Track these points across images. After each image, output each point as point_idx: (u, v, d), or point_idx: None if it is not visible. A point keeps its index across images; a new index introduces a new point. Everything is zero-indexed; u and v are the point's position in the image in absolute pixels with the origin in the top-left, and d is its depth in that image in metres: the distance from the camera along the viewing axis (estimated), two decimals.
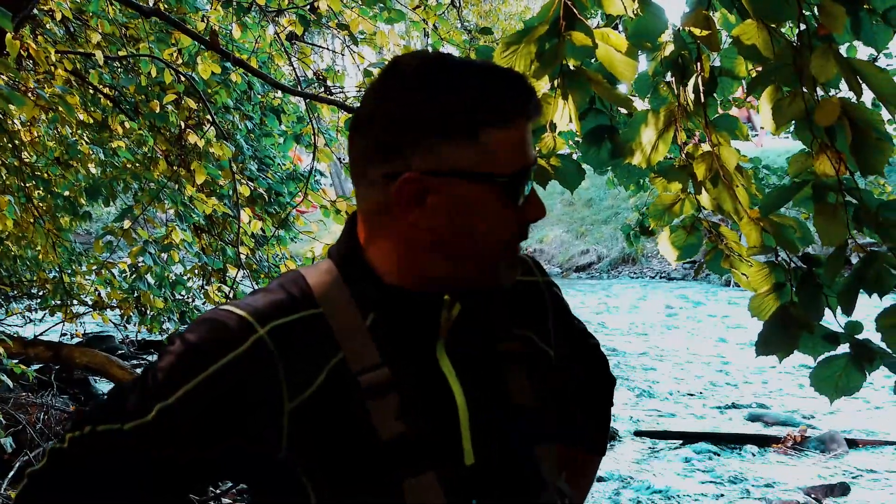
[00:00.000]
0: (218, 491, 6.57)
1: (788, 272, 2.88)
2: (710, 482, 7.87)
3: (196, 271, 8.39)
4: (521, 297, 1.71)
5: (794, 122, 2.60)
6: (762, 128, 2.67)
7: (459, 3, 12.08)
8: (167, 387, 1.42)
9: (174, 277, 7.91)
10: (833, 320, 2.83)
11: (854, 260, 2.69)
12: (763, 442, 8.87)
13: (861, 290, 2.60)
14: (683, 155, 3.09)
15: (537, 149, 2.92)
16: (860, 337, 2.80)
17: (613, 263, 25.76)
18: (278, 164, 11.18)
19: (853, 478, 7.85)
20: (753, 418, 9.85)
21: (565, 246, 27.01)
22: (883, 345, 2.64)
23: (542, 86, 2.75)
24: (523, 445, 1.59)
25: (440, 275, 1.50)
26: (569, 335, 1.86)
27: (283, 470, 1.45)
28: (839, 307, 2.64)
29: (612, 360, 13.22)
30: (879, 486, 7.67)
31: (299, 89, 7.71)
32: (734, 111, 5.43)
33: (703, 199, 3.03)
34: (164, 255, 7.42)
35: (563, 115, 2.77)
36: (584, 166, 3.34)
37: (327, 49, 10.62)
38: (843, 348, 2.86)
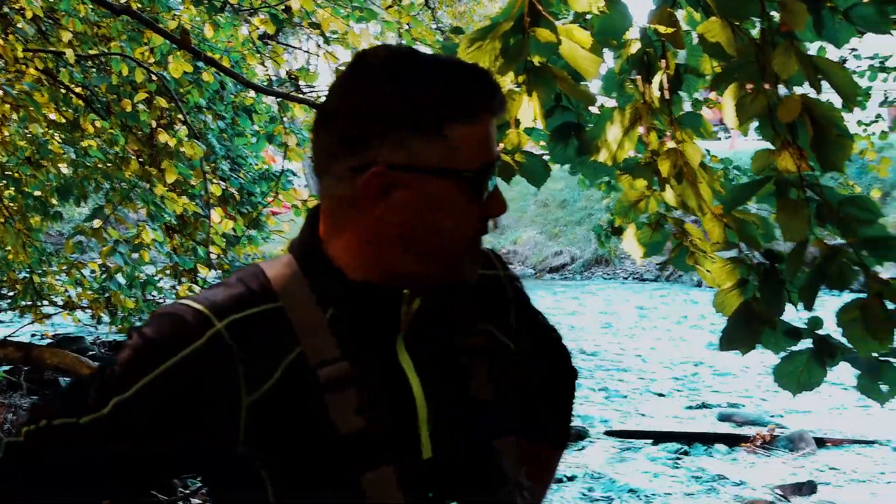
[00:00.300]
0: (187, 491, 6.55)
1: (752, 268, 2.90)
2: (680, 481, 7.91)
3: (167, 271, 8.36)
4: (482, 291, 1.71)
5: (757, 119, 2.63)
6: (734, 129, 2.69)
7: (434, 3, 12.09)
8: (124, 381, 1.42)
9: (145, 278, 7.88)
10: (798, 316, 2.86)
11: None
12: (733, 441, 8.92)
13: (822, 286, 2.63)
14: (649, 152, 3.11)
15: (502, 145, 2.93)
16: (821, 332, 2.84)
17: (587, 265, 25.82)
18: (251, 163, 11.15)
19: (821, 476, 7.90)
20: (724, 418, 9.90)
21: (539, 247, 27.06)
22: (844, 340, 2.67)
23: (507, 82, 2.77)
24: (483, 439, 1.59)
25: (404, 270, 1.50)
26: (530, 329, 1.87)
27: (241, 464, 1.45)
28: (800, 302, 2.66)
29: (585, 362, 13.28)
30: (847, 484, 7.73)
31: (271, 88, 7.71)
32: (707, 112, 5.47)
33: (667, 195, 3.05)
34: (135, 255, 7.38)
35: (529, 111, 2.78)
36: (558, 168, 3.37)
37: (300, 49, 10.62)
38: (807, 344, 2.89)
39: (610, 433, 9.39)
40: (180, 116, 7.80)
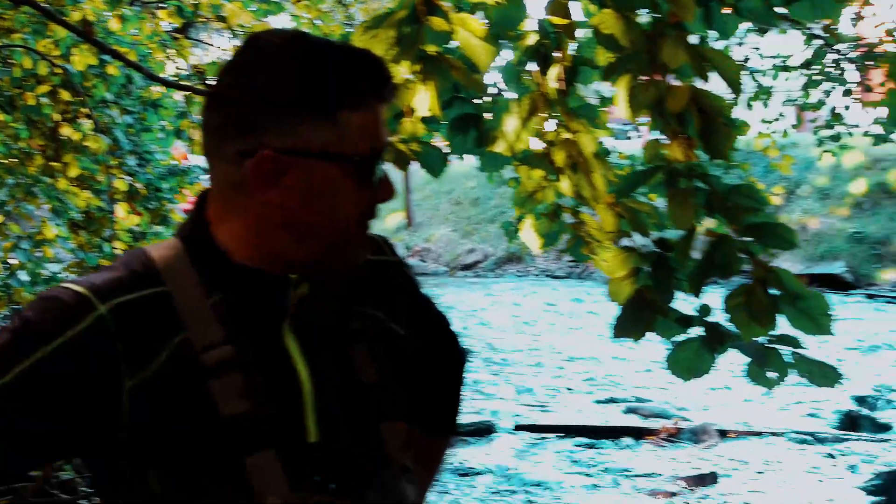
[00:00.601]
0: (91, 489, 6.46)
1: (644, 257, 2.96)
2: (587, 474, 8.01)
3: (73, 268, 8.23)
4: (371, 277, 1.71)
5: (648, 109, 2.68)
6: (630, 120, 2.74)
7: None
8: (3, 365, 1.41)
9: (49, 274, 7.75)
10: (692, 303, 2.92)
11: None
12: (639, 434, 9.05)
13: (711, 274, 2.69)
14: (545, 142, 3.14)
15: (397, 133, 2.95)
16: (711, 319, 2.90)
17: (499, 262, 25.93)
18: (158, 159, 11.02)
19: (723, 467, 8.05)
20: (630, 411, 10.04)
21: (452, 245, 27.11)
22: (732, 325, 2.73)
23: (403, 71, 2.78)
24: (369, 423, 1.60)
25: (291, 255, 1.50)
26: (420, 315, 1.88)
27: (124, 450, 1.44)
28: (688, 290, 2.72)
29: (496, 357, 13.34)
30: (748, 475, 7.90)
31: (178, 82, 7.63)
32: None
33: (563, 185, 3.09)
34: (39, 252, 7.26)
35: (424, 100, 2.80)
36: (471, 166, 3.39)
37: (209, 45, 10.54)
38: (699, 331, 2.95)
39: (519, 427, 9.46)
40: (85, 110, 7.68)
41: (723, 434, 8.97)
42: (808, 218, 22.37)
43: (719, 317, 2.90)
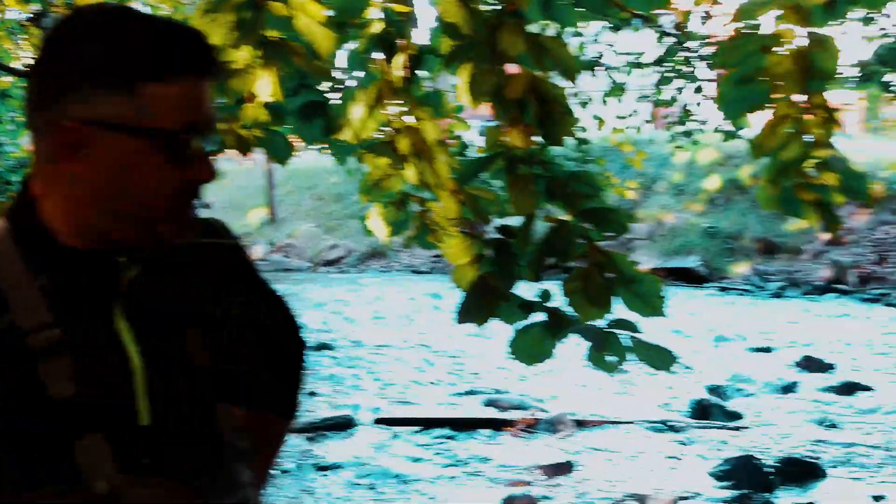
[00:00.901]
0: None
1: (487, 243, 2.99)
2: (446, 465, 8.04)
3: None
4: (205, 260, 1.70)
5: (488, 96, 2.71)
6: (471, 106, 2.77)
7: None
8: None
9: None
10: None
11: None
12: (497, 425, 9.13)
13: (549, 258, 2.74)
14: (391, 130, 3.15)
15: (239, 119, 2.92)
16: (552, 305, 2.95)
17: (362, 257, 25.91)
18: (8, 151, 10.74)
19: (580, 456, 8.18)
20: (489, 403, 10.12)
21: (314, 240, 26.96)
22: (571, 309, 2.79)
23: (243, 56, 2.76)
24: (203, 407, 1.59)
25: (106, 230, 1.48)
26: (257, 298, 1.86)
27: None
28: (528, 275, 2.76)
29: (357, 351, 13.33)
30: (603, 462, 8.04)
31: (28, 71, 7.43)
32: None
33: (408, 173, 3.10)
34: None
35: (266, 86, 2.79)
36: (333, 161, 3.38)
37: None
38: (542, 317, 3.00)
39: (379, 421, 9.45)
40: None
41: (579, 424, 9.12)
42: (664, 213, 22.92)
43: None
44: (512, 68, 2.71)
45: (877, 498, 7.11)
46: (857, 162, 16.74)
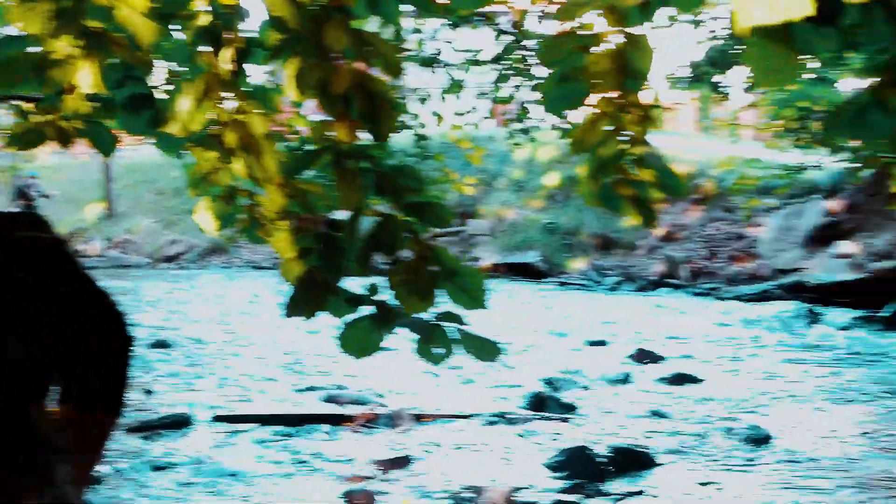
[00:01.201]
0: None
1: (315, 237, 3.00)
2: (284, 462, 8.01)
3: None
4: (25, 254, 1.67)
5: (314, 91, 2.72)
6: (296, 99, 2.77)
7: None
8: None
9: None
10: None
11: None
12: (336, 421, 9.13)
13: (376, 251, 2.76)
14: (219, 123, 3.13)
15: (59, 111, 2.86)
16: (380, 298, 2.97)
17: (203, 253, 25.57)
18: None
19: (418, 450, 8.25)
20: (329, 399, 10.12)
21: (154, 236, 26.48)
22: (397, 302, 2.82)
23: (64, 46, 2.70)
24: (18, 404, 1.57)
25: None
26: (81, 293, 1.85)
27: None
28: (355, 269, 2.78)
29: (195, 349, 13.16)
30: (441, 456, 8.12)
31: None
32: None
33: (236, 167, 3.09)
34: None
35: (87, 77, 2.73)
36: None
37: None
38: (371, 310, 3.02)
39: (217, 419, 9.35)
40: None
41: (419, 418, 9.19)
42: (505, 209, 23.25)
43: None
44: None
45: (704, 484, 7.37)
46: (691, 160, 17.36)
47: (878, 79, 2.63)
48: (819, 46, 2.40)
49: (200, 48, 3.12)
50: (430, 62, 10.27)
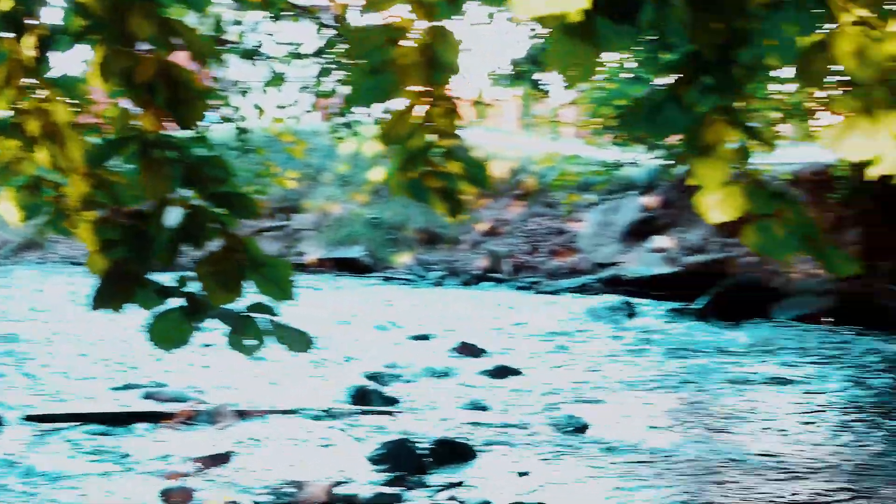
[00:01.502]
0: None
1: (121, 228, 2.95)
2: (100, 461, 7.83)
3: None
4: None
5: (118, 79, 2.68)
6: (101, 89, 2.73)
7: None
8: None
9: None
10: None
11: None
12: (155, 418, 8.98)
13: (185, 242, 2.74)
14: (24, 112, 3.05)
15: None
16: (189, 290, 2.94)
17: (17, 249, 24.73)
18: None
19: (239, 446, 8.18)
20: (148, 396, 9.94)
21: None
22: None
23: None
24: None
25: None
26: None
27: None
28: (162, 260, 2.75)
29: (8, 346, 12.73)
30: (262, 452, 8.09)
31: None
32: None
33: (40, 156, 3.01)
34: None
35: None
36: None
37: None
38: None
39: (29, 418, 9.07)
40: None
41: (241, 414, 9.11)
42: (330, 204, 23.21)
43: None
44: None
45: (521, 474, 7.53)
46: (513, 157, 17.64)
47: (675, 76, 2.74)
48: (617, 43, 2.49)
49: (2, 34, 3.04)
50: (250, 55, 10.18)
